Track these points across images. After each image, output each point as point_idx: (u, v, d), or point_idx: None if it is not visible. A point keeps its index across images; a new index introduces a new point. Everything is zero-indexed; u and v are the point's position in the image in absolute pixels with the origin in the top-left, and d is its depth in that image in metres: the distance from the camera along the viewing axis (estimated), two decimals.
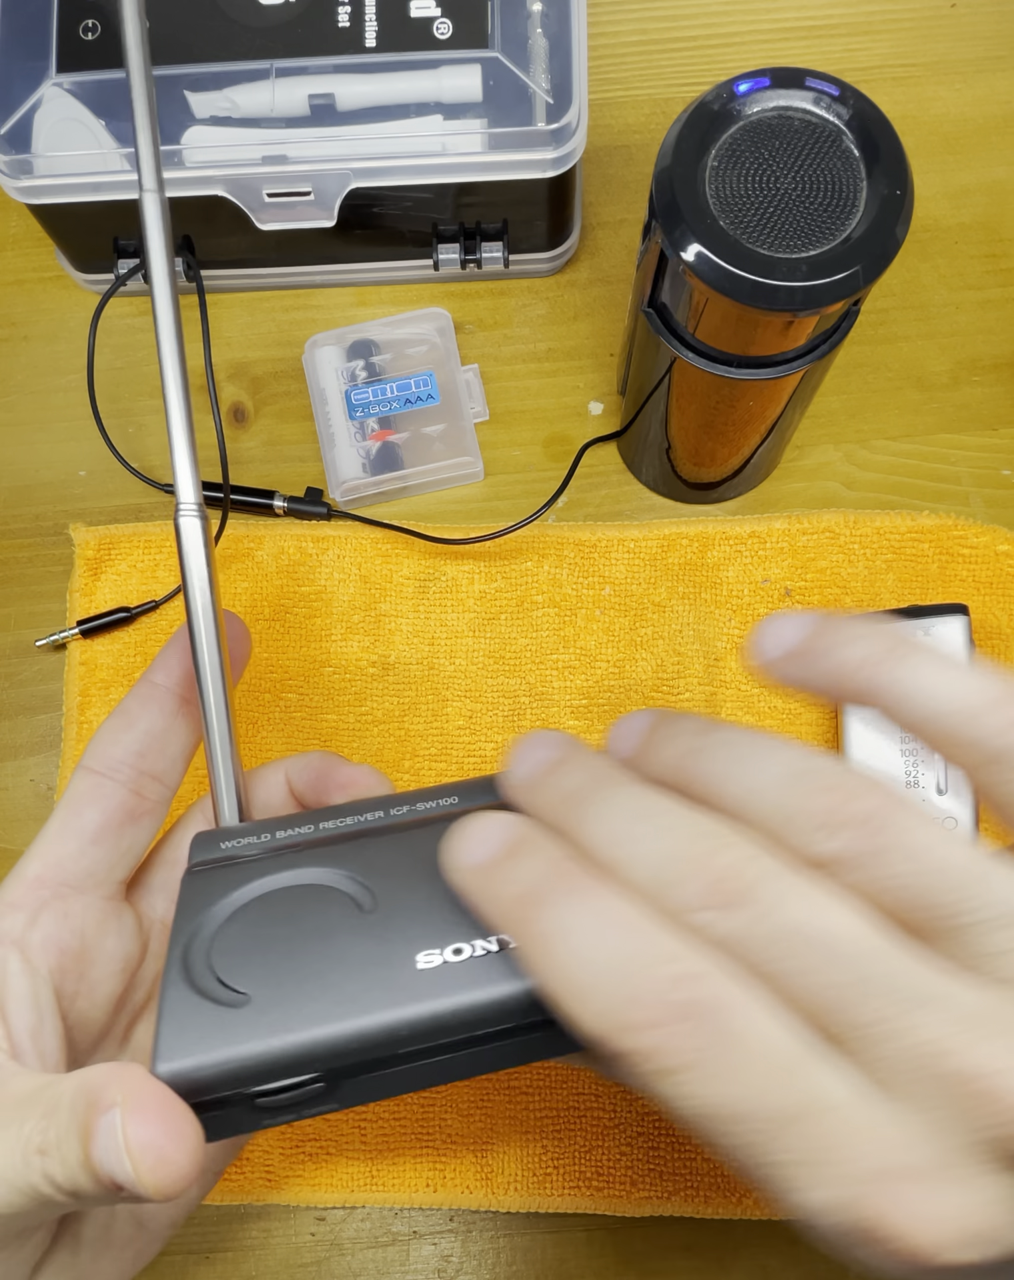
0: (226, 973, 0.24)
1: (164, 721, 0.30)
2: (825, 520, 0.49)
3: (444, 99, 0.45)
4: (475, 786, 0.28)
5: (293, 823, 0.28)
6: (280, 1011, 0.23)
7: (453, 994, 0.23)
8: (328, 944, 0.24)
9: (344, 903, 0.25)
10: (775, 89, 0.33)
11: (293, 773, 0.31)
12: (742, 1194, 0.42)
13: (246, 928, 0.25)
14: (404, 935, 0.24)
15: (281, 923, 0.25)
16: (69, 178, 0.45)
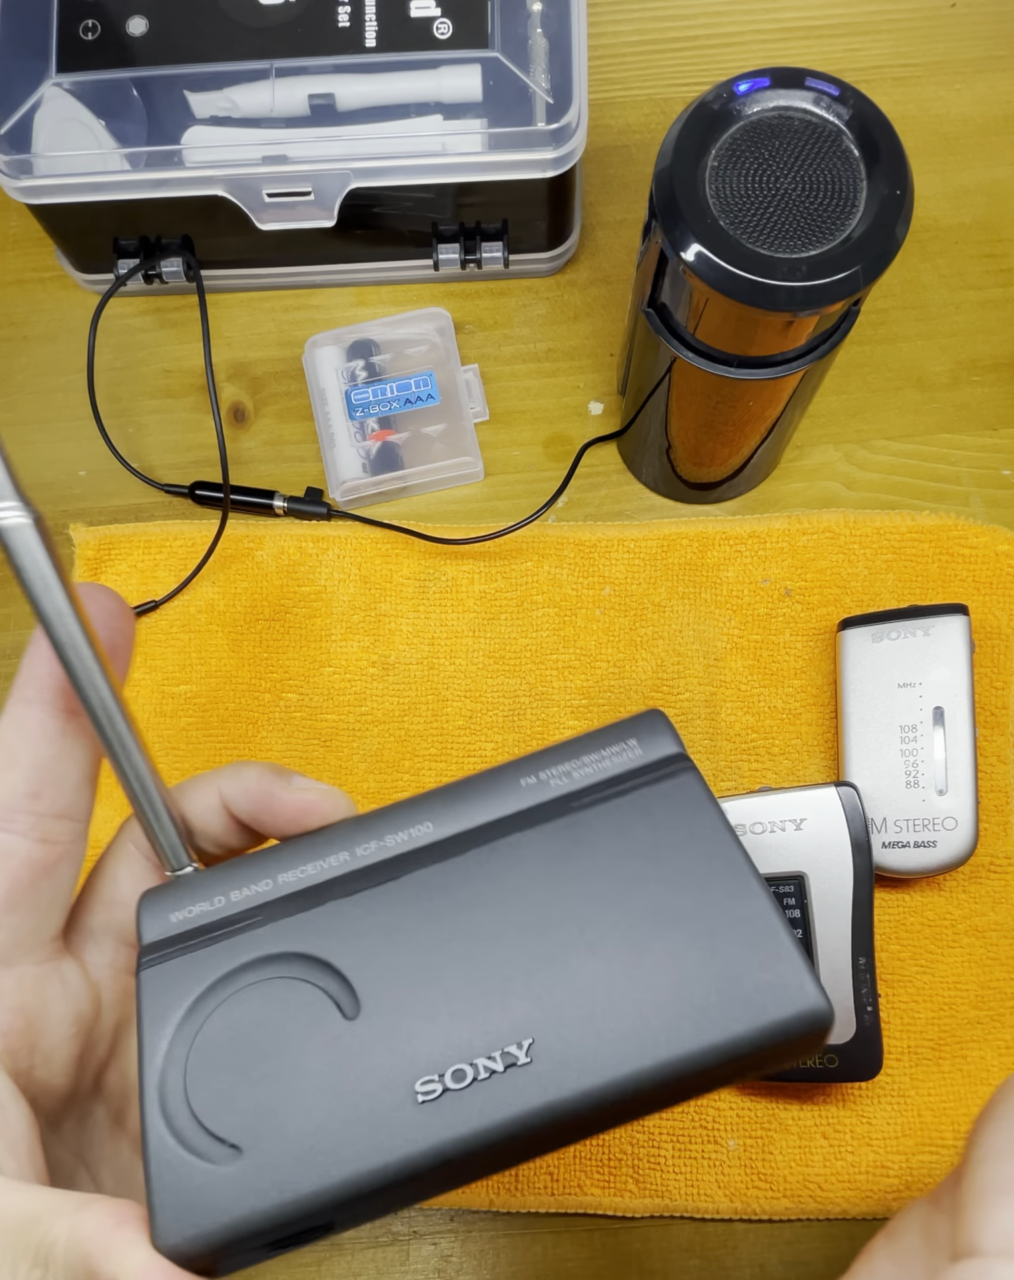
0: (210, 1117, 0.22)
1: (50, 748, 0.25)
2: (825, 520, 0.49)
3: (444, 99, 0.45)
4: (448, 803, 0.25)
5: (246, 876, 0.25)
6: (277, 1168, 0.21)
7: (459, 1127, 0.21)
8: (314, 1072, 0.22)
9: (324, 1007, 0.23)
10: (775, 89, 0.33)
11: (230, 795, 0.27)
12: (741, 1194, 0.42)
13: (221, 1047, 0.22)
14: (397, 1057, 0.22)
15: (259, 1040, 0.22)
16: (69, 178, 0.45)
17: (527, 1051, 0.22)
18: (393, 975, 0.23)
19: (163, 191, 0.46)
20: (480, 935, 0.23)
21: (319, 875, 0.25)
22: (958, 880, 0.45)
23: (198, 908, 0.25)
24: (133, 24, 0.46)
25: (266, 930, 0.24)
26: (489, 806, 0.25)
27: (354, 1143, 0.21)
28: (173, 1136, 0.22)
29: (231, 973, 0.23)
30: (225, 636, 0.49)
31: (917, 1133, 0.43)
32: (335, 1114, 0.21)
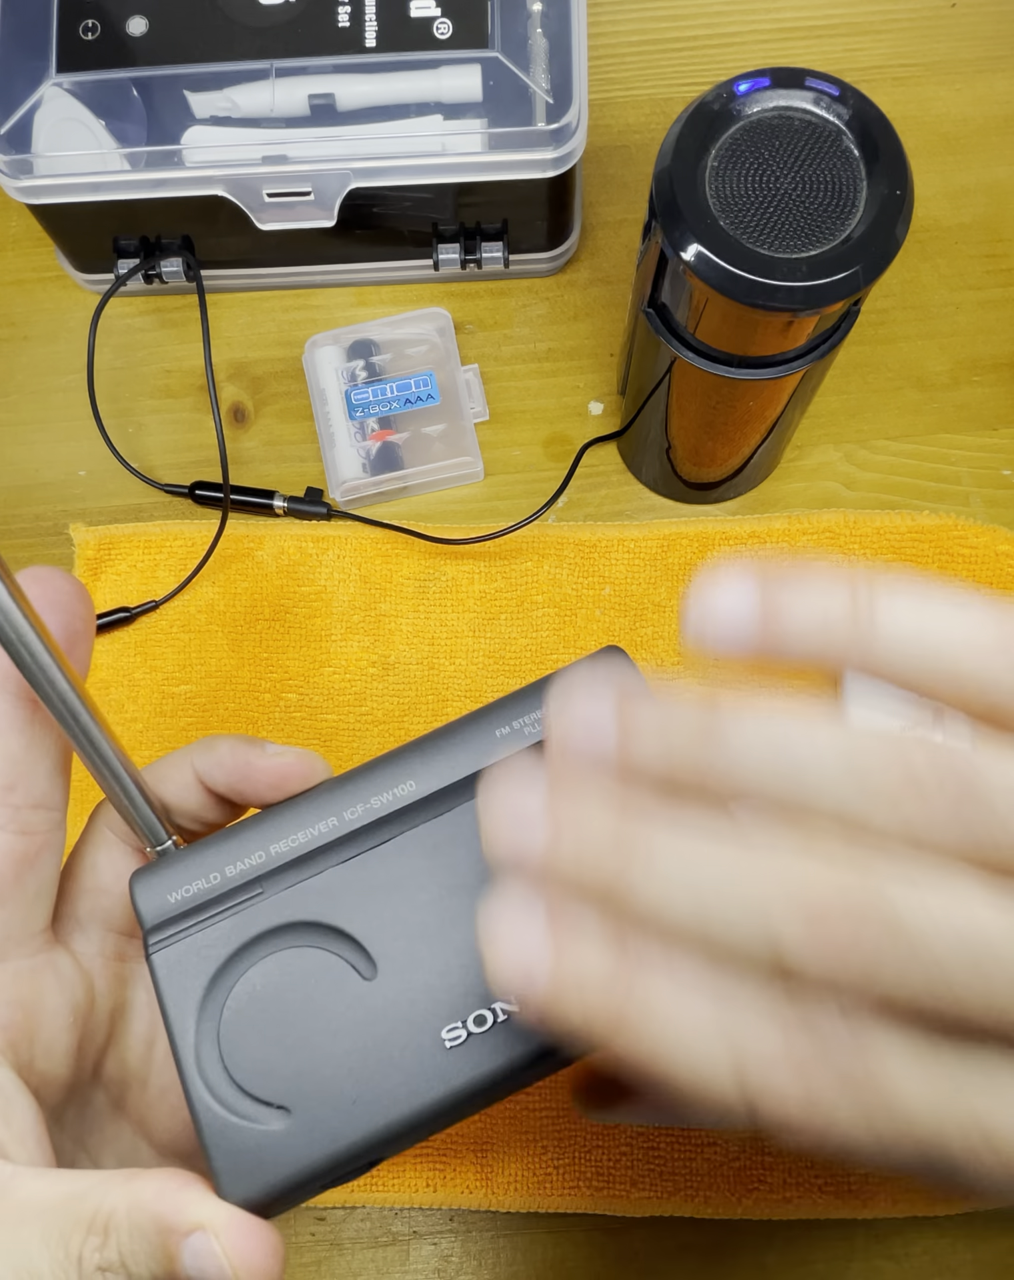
0: (251, 1083, 0.23)
1: (20, 739, 0.24)
2: (825, 520, 0.49)
3: (444, 99, 0.45)
4: (427, 759, 0.26)
5: (237, 849, 0.25)
6: (325, 1122, 0.23)
7: (488, 1063, 0.23)
8: (344, 1030, 0.23)
9: (343, 971, 0.24)
10: (775, 89, 0.33)
11: (205, 769, 0.27)
12: (742, 1194, 0.42)
13: (250, 1017, 0.24)
14: (422, 1011, 0.23)
15: (285, 1007, 0.24)
16: (69, 178, 0.45)
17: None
18: (402, 934, 0.24)
19: (163, 191, 0.46)
20: (477, 887, 0.24)
21: (311, 842, 0.25)
22: None
23: (195, 885, 0.25)
24: (133, 24, 0.46)
25: (270, 901, 0.25)
26: (467, 759, 0.26)
27: (393, 1090, 0.23)
28: (221, 1105, 0.23)
29: (244, 946, 0.24)
30: (225, 636, 0.49)
31: None
32: (371, 1067, 0.23)
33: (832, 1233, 0.42)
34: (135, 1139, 0.28)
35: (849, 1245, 0.42)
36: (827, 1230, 0.42)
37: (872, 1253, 0.42)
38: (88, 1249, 0.21)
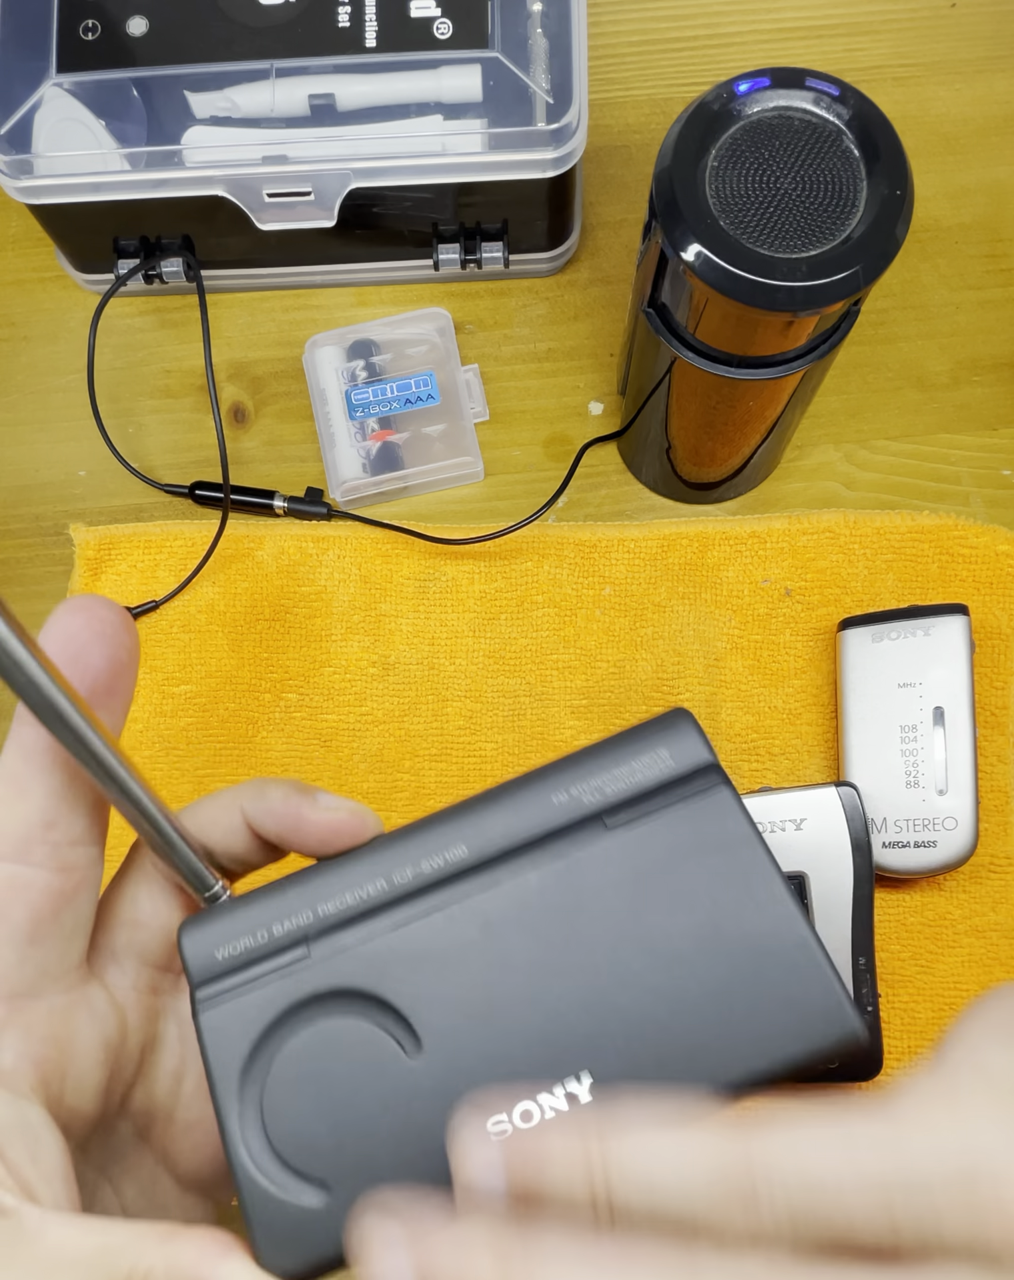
0: (293, 1156, 0.23)
1: (62, 774, 0.24)
2: (825, 520, 0.49)
3: (444, 99, 0.45)
4: (480, 822, 0.25)
5: (284, 906, 0.25)
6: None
7: None
8: (387, 1110, 0.23)
9: (386, 1046, 0.24)
10: (775, 89, 0.33)
11: (254, 815, 0.26)
12: None
13: (292, 1089, 0.24)
14: (465, 1097, 0.23)
15: (328, 1080, 0.24)
16: (69, 178, 0.45)
17: (588, 1090, 0.23)
18: (448, 1010, 0.24)
19: (163, 191, 0.46)
20: (528, 966, 0.24)
21: (359, 905, 0.25)
22: (958, 880, 0.45)
23: (242, 941, 0.25)
24: (133, 24, 0.46)
25: (317, 967, 0.24)
26: (521, 825, 0.25)
27: (433, 1178, 0.23)
28: (264, 1178, 0.23)
29: (290, 1011, 0.24)
30: (225, 636, 0.49)
31: None
32: (411, 1151, 0.23)
33: None
34: (157, 1170, 0.28)
35: None
36: None
37: None
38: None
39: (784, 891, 0.23)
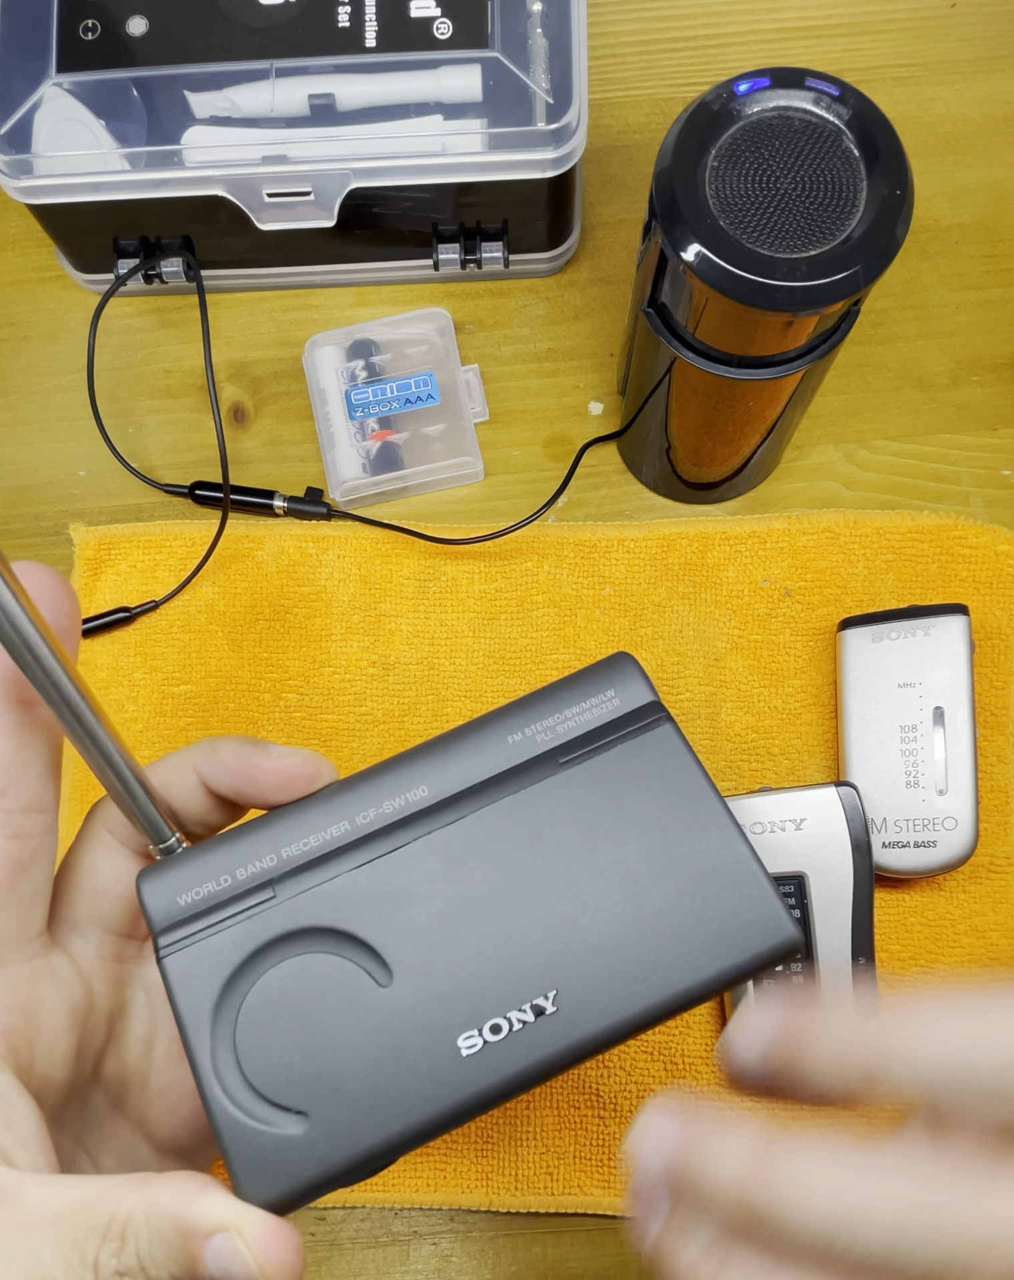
0: (269, 1088, 0.23)
1: (10, 743, 0.24)
2: (825, 520, 0.49)
3: (444, 99, 0.45)
4: (439, 764, 0.26)
5: (247, 851, 0.25)
6: (344, 1128, 0.23)
7: (503, 1070, 0.24)
8: (360, 1036, 0.24)
9: (358, 977, 0.24)
10: (775, 89, 0.33)
11: (208, 772, 0.26)
12: None
13: (265, 1022, 0.24)
14: (436, 1018, 0.24)
15: (299, 1012, 0.24)
16: (69, 178, 0.45)
17: (552, 1001, 0.24)
18: (417, 942, 0.24)
19: (163, 191, 0.46)
20: (491, 895, 0.25)
21: (323, 846, 0.25)
22: (958, 880, 0.45)
23: (205, 887, 0.25)
24: (133, 24, 0.46)
25: (283, 906, 0.25)
26: (479, 765, 0.26)
27: (410, 1097, 0.23)
28: (238, 1110, 0.23)
29: (259, 951, 0.24)
30: (225, 636, 0.49)
31: None
32: (388, 1074, 0.24)
33: None
34: (134, 1138, 0.28)
35: None
36: None
37: None
38: (105, 1254, 0.21)
39: (725, 815, 0.25)
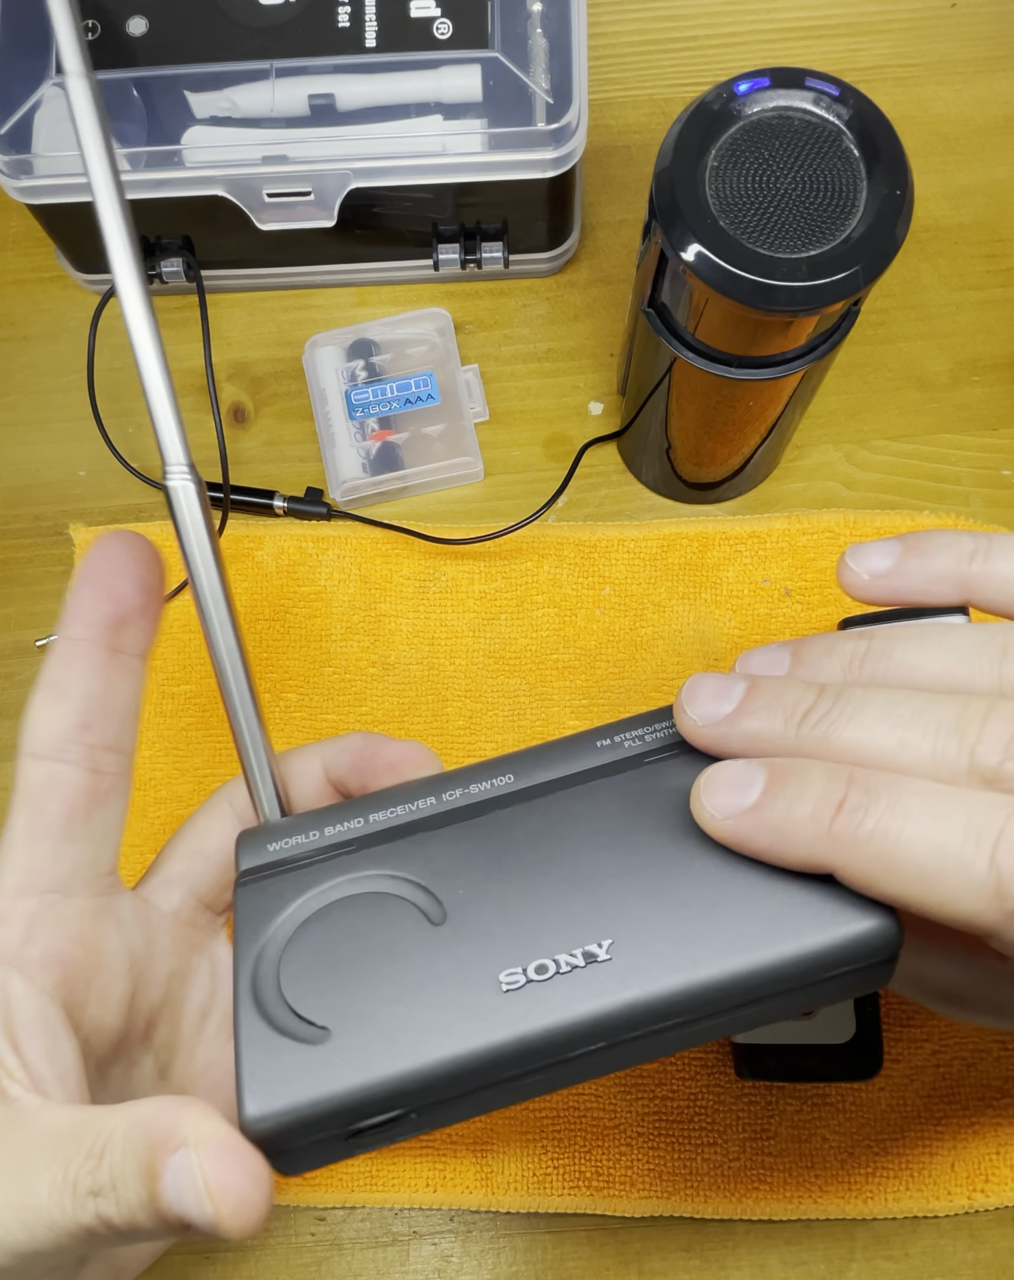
0: (301, 1003, 0.23)
1: (99, 682, 0.26)
2: (825, 520, 0.49)
3: (444, 99, 0.45)
4: (530, 759, 0.27)
5: (340, 815, 0.27)
6: (364, 1047, 0.22)
7: (542, 1017, 0.22)
8: (402, 966, 0.23)
9: (412, 915, 0.24)
10: (775, 89, 0.33)
11: (330, 759, 0.29)
12: (742, 1194, 0.42)
13: (313, 948, 0.24)
14: (482, 953, 0.23)
15: (349, 941, 0.24)
16: (69, 178, 0.45)
17: (607, 950, 0.22)
18: (478, 891, 0.24)
19: (163, 191, 0.46)
20: (562, 858, 0.24)
21: (407, 816, 0.26)
22: None
23: (294, 839, 0.26)
24: (133, 24, 0.46)
25: (358, 856, 0.25)
26: (567, 763, 0.26)
27: (439, 1027, 0.22)
28: (263, 1019, 0.23)
29: (324, 888, 0.25)
30: None
31: (917, 1132, 0.43)
32: (421, 1002, 0.22)
33: (832, 1233, 0.42)
34: None
35: (849, 1245, 0.42)
36: (827, 1230, 0.42)
37: (872, 1253, 0.42)
38: (83, 1172, 0.21)
39: None
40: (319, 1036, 0.22)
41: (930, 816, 0.21)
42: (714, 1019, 0.23)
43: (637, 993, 0.22)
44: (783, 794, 0.22)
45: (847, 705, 0.23)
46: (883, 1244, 0.42)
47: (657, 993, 0.22)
